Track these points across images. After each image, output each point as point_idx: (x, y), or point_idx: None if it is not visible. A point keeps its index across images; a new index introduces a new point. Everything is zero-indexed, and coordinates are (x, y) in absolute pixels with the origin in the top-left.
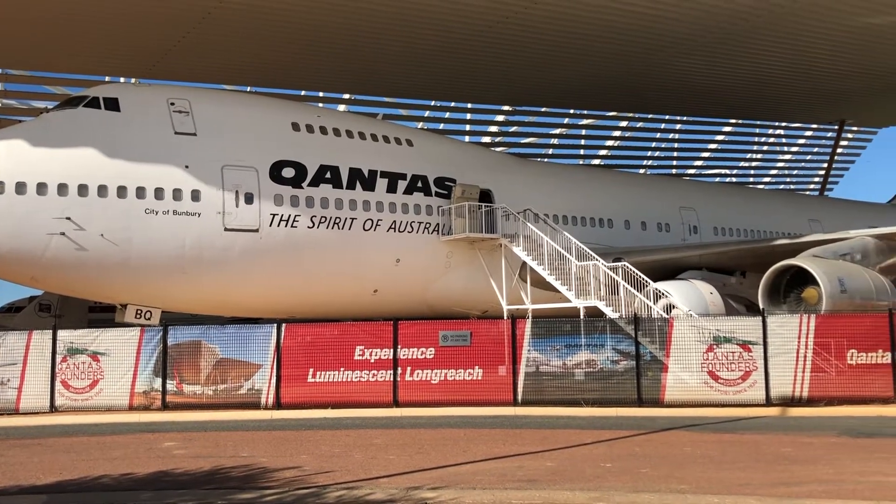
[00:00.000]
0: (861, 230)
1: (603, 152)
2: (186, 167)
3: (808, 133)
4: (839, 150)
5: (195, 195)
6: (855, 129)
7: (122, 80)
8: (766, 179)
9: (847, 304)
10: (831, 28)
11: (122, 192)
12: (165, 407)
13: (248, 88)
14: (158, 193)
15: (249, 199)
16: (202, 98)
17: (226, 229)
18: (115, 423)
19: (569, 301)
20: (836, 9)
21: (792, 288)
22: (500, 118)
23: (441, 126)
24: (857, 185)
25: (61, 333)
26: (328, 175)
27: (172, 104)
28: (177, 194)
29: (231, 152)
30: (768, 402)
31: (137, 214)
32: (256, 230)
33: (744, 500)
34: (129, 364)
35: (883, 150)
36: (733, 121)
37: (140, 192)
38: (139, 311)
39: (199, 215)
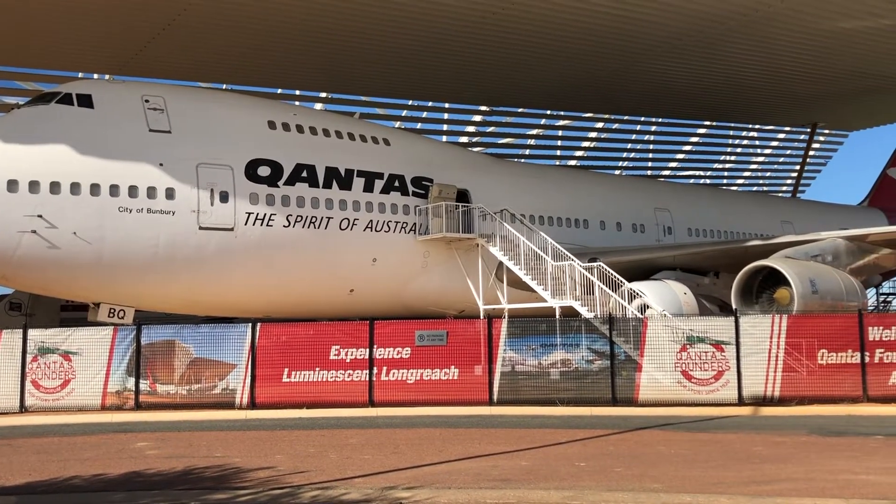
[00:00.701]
0: (832, 232)
1: (579, 153)
2: (161, 165)
3: (781, 136)
4: (811, 153)
5: (170, 193)
6: (827, 131)
7: (95, 76)
8: (740, 181)
9: (818, 305)
10: (804, 32)
11: (95, 189)
12: (138, 407)
13: (224, 86)
14: (132, 191)
15: (224, 197)
16: (177, 95)
17: (200, 228)
18: (86, 423)
19: (545, 301)
20: (809, 14)
21: (764, 288)
22: (478, 118)
23: (418, 126)
24: (829, 187)
25: (32, 332)
26: (304, 174)
27: (147, 101)
28: (151, 192)
29: (206, 150)
30: (741, 402)
31: (111, 212)
32: (231, 229)
33: (716, 499)
34: (101, 363)
35: (854, 152)
36: (708, 123)
37: (114, 189)
38: (112, 310)
39: (174, 214)
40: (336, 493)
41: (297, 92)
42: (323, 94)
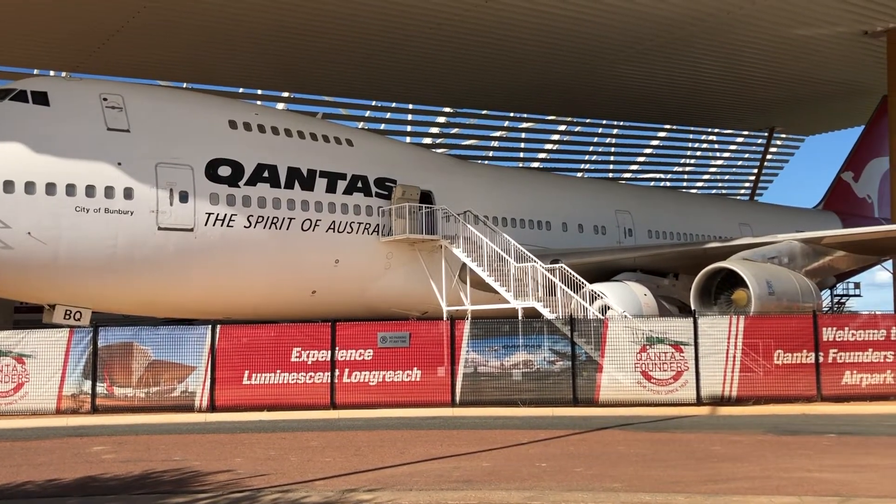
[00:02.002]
0: (788, 234)
1: (542, 155)
2: (119, 164)
3: (740, 139)
4: (769, 157)
5: (128, 193)
6: (784, 136)
7: (51, 73)
8: (699, 184)
9: (775, 306)
10: (762, 39)
11: (50, 189)
12: (95, 410)
13: (185, 85)
14: (89, 191)
15: (184, 197)
16: (136, 94)
17: (159, 228)
18: (40, 427)
19: (507, 302)
20: (767, 21)
21: (723, 290)
22: (441, 120)
23: (382, 126)
24: (786, 190)
25: None
26: (266, 174)
27: (105, 99)
28: (109, 192)
29: (166, 150)
30: (699, 402)
31: (67, 212)
32: (191, 229)
33: (674, 498)
34: (56, 366)
35: (810, 157)
36: (668, 126)
37: (70, 189)
38: (68, 312)
39: (132, 214)
40: (297, 496)
41: (259, 91)
42: (285, 94)
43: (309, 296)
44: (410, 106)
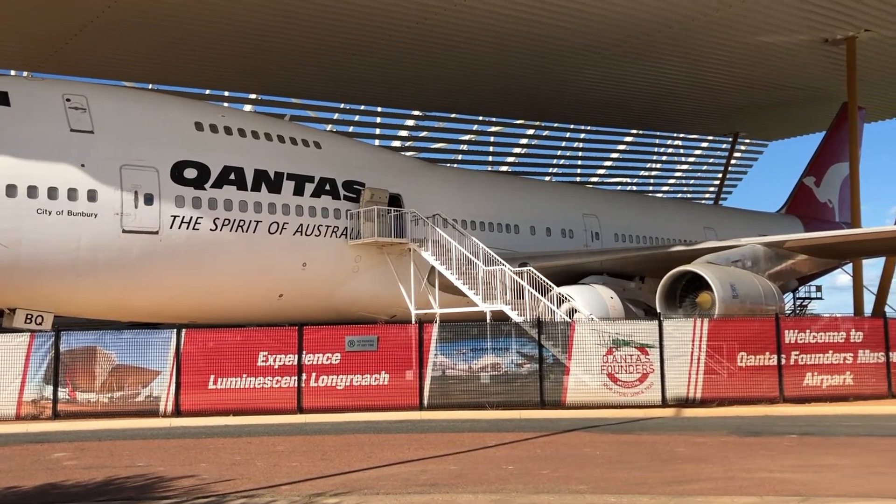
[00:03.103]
0: (752, 238)
1: (511, 159)
2: (83, 166)
3: (704, 144)
4: (733, 162)
5: (91, 195)
6: (747, 141)
7: (12, 72)
8: (665, 188)
9: (738, 309)
10: (726, 46)
11: (11, 190)
12: (56, 416)
13: (150, 86)
14: (52, 193)
15: (149, 199)
16: (100, 94)
17: (124, 231)
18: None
19: (476, 305)
20: (731, 28)
21: (687, 293)
22: (410, 123)
23: (350, 129)
24: (749, 195)
25: None
26: (232, 176)
27: (68, 100)
28: (72, 194)
29: (130, 151)
30: (664, 403)
31: (28, 214)
32: (156, 232)
33: (638, 499)
34: (16, 371)
35: (773, 162)
36: (635, 131)
37: (32, 191)
38: (29, 316)
39: (96, 216)
40: (263, 501)
41: (226, 93)
42: (252, 96)
43: (276, 299)
44: (379, 109)
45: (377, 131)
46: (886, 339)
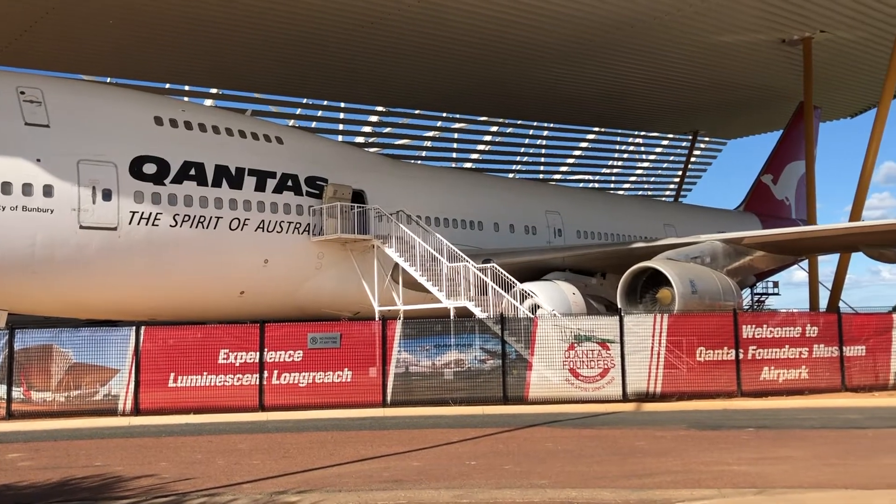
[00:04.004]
0: (710, 235)
1: (474, 156)
2: (38, 161)
3: (665, 143)
4: (692, 160)
5: (47, 191)
6: (707, 139)
7: None
8: (626, 185)
9: (697, 305)
10: (686, 45)
11: None
12: (10, 416)
13: (108, 79)
14: (6, 188)
15: (107, 195)
16: (56, 87)
17: (81, 227)
18: None
19: (440, 302)
20: (692, 27)
21: (648, 289)
22: (374, 119)
23: (313, 125)
24: (709, 192)
25: None
26: (193, 172)
27: (23, 93)
28: (27, 189)
29: (88, 146)
30: (625, 398)
31: None
32: (115, 228)
33: (599, 493)
34: None
35: (732, 160)
36: (597, 129)
37: None
38: None
39: (52, 212)
40: (224, 500)
41: (186, 87)
42: (213, 91)
43: (237, 296)
44: (342, 104)
45: (340, 127)
46: (840, 334)
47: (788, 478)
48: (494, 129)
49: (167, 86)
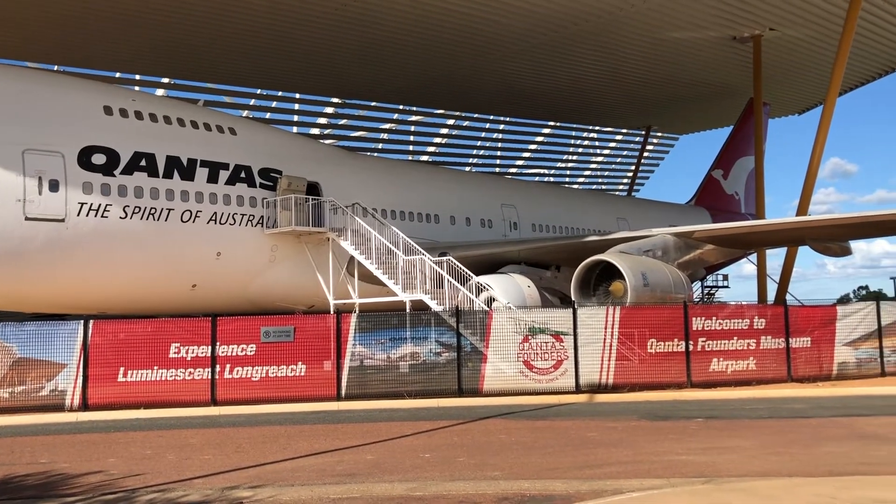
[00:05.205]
0: (662, 229)
1: (431, 149)
2: None
3: (619, 137)
4: (645, 154)
5: None
6: (659, 135)
7: None
8: (581, 180)
9: (649, 297)
10: (640, 41)
11: None
12: None
13: (56, 67)
14: None
15: (54, 186)
16: (1, 75)
17: (27, 219)
18: None
19: (396, 295)
20: (645, 23)
21: (601, 281)
22: (330, 110)
23: (267, 116)
24: (661, 186)
25: None
26: (143, 163)
27: None
28: None
29: (34, 135)
30: (578, 390)
31: None
32: (62, 220)
33: (551, 484)
34: None
35: (684, 155)
36: (552, 123)
37: None
38: None
39: None
40: (174, 496)
41: (137, 77)
42: (165, 80)
43: (189, 289)
44: (297, 95)
45: (295, 118)
46: (786, 326)
47: (736, 467)
48: (451, 122)
49: (117, 74)
